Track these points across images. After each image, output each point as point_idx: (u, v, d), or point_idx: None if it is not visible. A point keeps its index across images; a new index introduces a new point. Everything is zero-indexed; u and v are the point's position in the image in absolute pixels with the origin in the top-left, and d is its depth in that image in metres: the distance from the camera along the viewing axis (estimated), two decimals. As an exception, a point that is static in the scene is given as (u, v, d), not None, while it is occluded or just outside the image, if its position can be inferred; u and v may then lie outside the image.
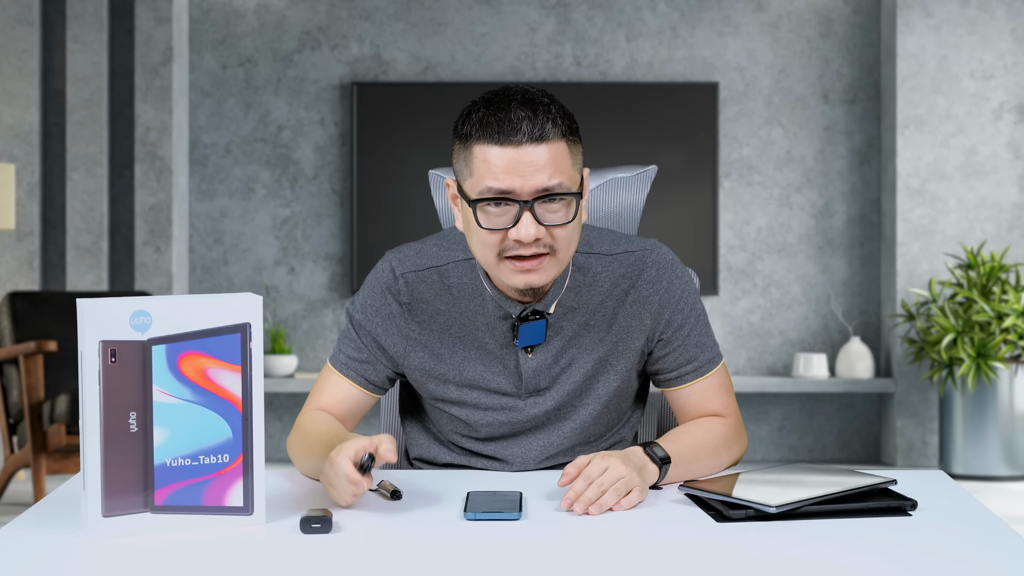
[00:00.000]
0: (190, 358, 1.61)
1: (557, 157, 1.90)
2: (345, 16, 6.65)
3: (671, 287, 2.07)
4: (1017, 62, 6.44)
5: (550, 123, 1.90)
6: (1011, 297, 6.06)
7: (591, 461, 1.79)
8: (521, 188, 1.89)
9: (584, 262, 2.06)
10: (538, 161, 1.88)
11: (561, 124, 1.91)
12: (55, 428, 5.07)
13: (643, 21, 6.65)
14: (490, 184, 1.89)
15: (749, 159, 6.65)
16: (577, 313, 2.05)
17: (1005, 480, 6.10)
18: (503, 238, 1.91)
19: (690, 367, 2.08)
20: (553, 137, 1.90)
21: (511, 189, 1.89)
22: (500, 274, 1.95)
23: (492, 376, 2.05)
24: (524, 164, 1.88)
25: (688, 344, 2.08)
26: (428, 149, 6.54)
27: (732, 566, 1.46)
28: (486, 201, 1.90)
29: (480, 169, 1.90)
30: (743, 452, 2.09)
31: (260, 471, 1.65)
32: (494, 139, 1.89)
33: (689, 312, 2.08)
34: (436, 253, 2.07)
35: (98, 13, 6.33)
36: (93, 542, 1.56)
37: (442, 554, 1.50)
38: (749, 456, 6.67)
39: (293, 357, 6.49)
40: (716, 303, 6.66)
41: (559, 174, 1.90)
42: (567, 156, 1.92)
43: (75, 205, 6.33)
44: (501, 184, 1.89)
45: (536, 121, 1.89)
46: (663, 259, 2.07)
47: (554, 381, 2.06)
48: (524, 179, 1.88)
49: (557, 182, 1.89)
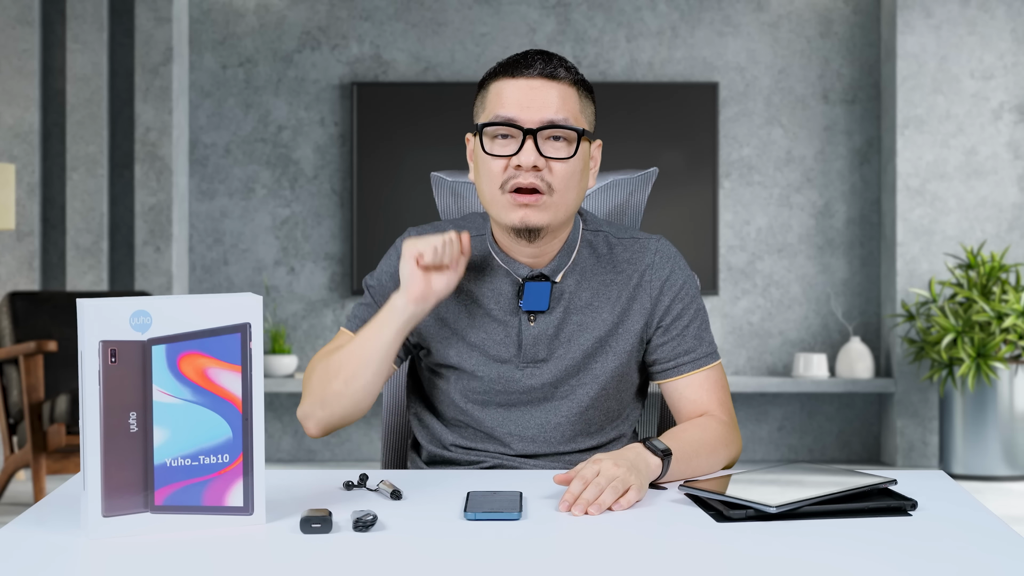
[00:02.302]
0: (190, 358, 1.61)
1: (565, 96, 2.02)
2: (345, 16, 6.65)
3: (673, 275, 2.12)
4: (1017, 62, 6.44)
5: (563, 68, 2.03)
6: (1011, 297, 6.06)
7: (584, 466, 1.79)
8: (528, 118, 2.00)
9: (592, 240, 2.14)
10: (547, 95, 2.01)
11: (574, 73, 2.05)
12: (55, 428, 5.07)
13: (643, 21, 6.65)
14: (499, 112, 2.01)
15: (749, 159, 6.65)
16: (582, 289, 2.11)
17: (1005, 480, 6.10)
18: (506, 166, 2.02)
19: (687, 357, 2.11)
20: (564, 79, 2.03)
21: (517, 118, 2.00)
22: (500, 209, 2.04)
23: (493, 343, 2.09)
24: (533, 96, 2.01)
25: (686, 335, 2.11)
26: (428, 149, 6.54)
27: (732, 566, 1.46)
28: (494, 127, 2.01)
29: (492, 102, 2.03)
30: (738, 453, 2.10)
31: (260, 471, 1.65)
32: (508, 73, 2.03)
33: (689, 303, 2.12)
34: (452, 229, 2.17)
35: (98, 13, 6.33)
36: (93, 542, 1.56)
37: (442, 554, 1.50)
38: (749, 456, 6.67)
39: (293, 357, 6.49)
40: (716, 303, 6.66)
41: (565, 111, 2.02)
42: (576, 100, 2.04)
43: (75, 205, 6.33)
44: (509, 113, 2.01)
45: (550, 63, 2.03)
46: (668, 250, 2.14)
47: (552, 353, 2.10)
48: (531, 110, 2.00)
49: (563, 117, 2.01)
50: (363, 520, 1.61)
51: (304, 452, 6.68)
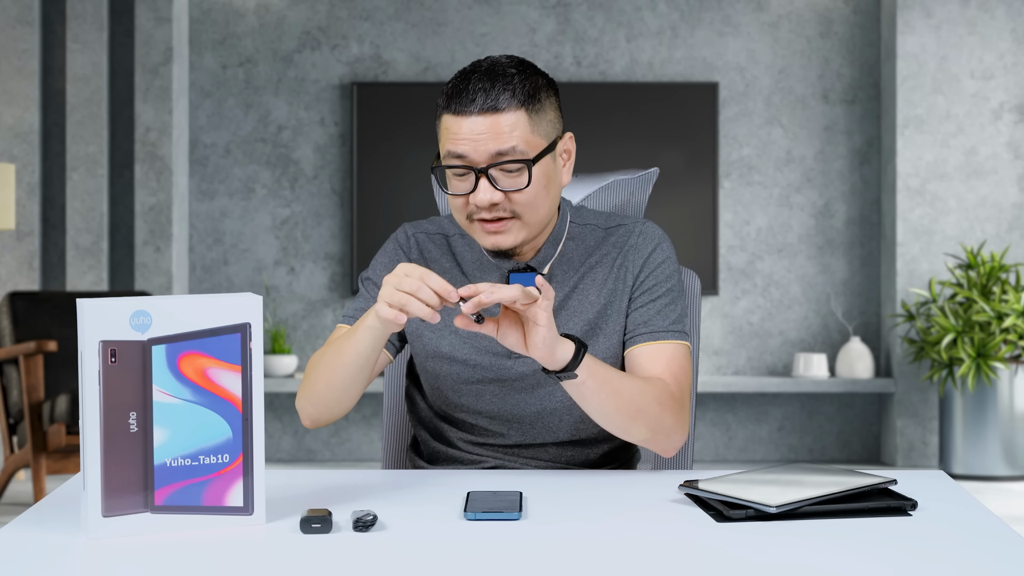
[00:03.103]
0: (190, 358, 1.61)
1: (513, 124, 2.00)
2: (345, 16, 6.65)
3: (654, 254, 2.13)
4: (1017, 62, 6.44)
5: (507, 93, 2.00)
6: (1011, 297, 6.06)
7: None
8: (476, 154, 2.00)
9: (579, 233, 2.15)
10: (491, 130, 1.99)
11: (520, 94, 2.01)
12: (55, 428, 5.07)
13: (643, 21, 6.65)
14: (449, 149, 2.02)
15: (749, 159, 6.65)
16: (568, 278, 2.12)
17: (1005, 480, 6.10)
18: (466, 202, 2.03)
19: (645, 328, 2.08)
20: (508, 107, 2.00)
21: (467, 155, 2.00)
22: (474, 235, 2.06)
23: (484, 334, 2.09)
24: (477, 132, 2.00)
25: (650, 308, 2.09)
26: (428, 149, 6.54)
27: (732, 566, 1.46)
28: (448, 167, 2.02)
29: (444, 137, 2.04)
30: (678, 430, 2.02)
31: (260, 471, 1.65)
32: (453, 109, 2.01)
33: (663, 280, 2.11)
34: (447, 225, 2.20)
35: (98, 13, 6.33)
36: (93, 542, 1.56)
37: (442, 554, 1.50)
38: (749, 456, 6.67)
39: (293, 357, 6.49)
40: (716, 303, 6.66)
41: (514, 139, 2.00)
42: (526, 124, 2.01)
43: (75, 205, 6.33)
44: (458, 149, 2.01)
45: (491, 93, 1.99)
46: (653, 232, 2.15)
47: None
48: (477, 145, 2.00)
49: (510, 146, 2.00)
50: (363, 520, 1.61)
51: (304, 452, 6.68)
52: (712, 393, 6.65)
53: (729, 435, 6.68)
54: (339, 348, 2.02)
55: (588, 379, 1.92)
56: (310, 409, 2.08)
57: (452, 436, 2.18)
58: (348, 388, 2.03)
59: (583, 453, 2.16)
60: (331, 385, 2.04)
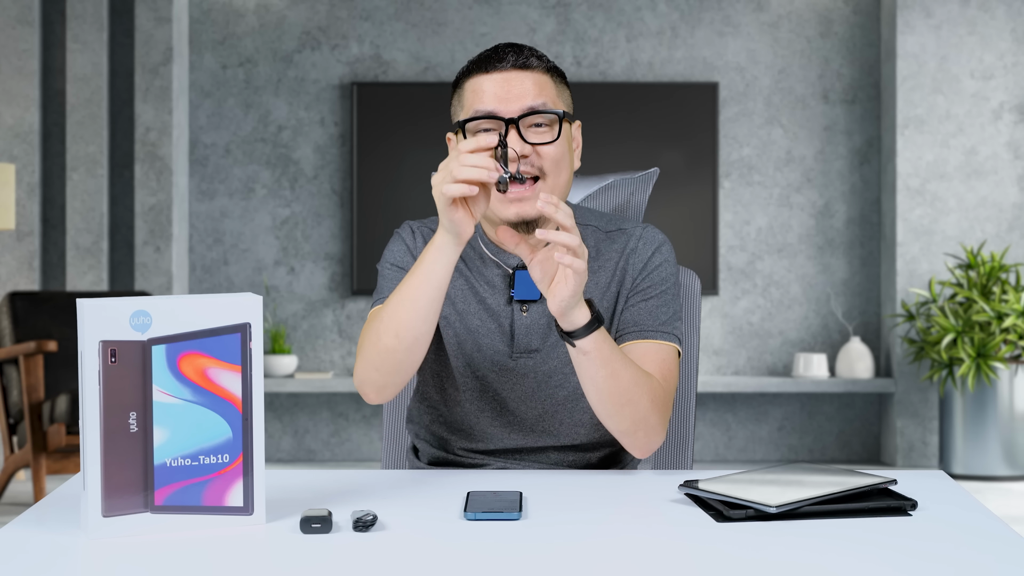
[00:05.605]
0: (190, 358, 1.61)
1: (541, 84, 2.05)
2: (345, 16, 6.65)
3: (653, 257, 2.12)
4: (1017, 62, 6.44)
5: (535, 57, 2.06)
6: (1011, 297, 6.06)
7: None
8: (507, 109, 2.02)
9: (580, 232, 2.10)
10: (523, 84, 2.03)
11: (547, 61, 2.08)
12: (55, 428, 5.07)
13: (643, 21, 6.65)
14: (478, 107, 2.03)
15: (749, 159, 6.65)
16: None
17: (1005, 480, 6.10)
18: None
19: (634, 328, 2.08)
20: (537, 67, 2.06)
21: (497, 110, 2.02)
22: (493, 205, 2.03)
23: (487, 332, 2.10)
24: (510, 87, 2.03)
25: (642, 308, 2.09)
26: (428, 149, 6.54)
27: (732, 566, 1.46)
28: (475, 122, 2.03)
29: (470, 99, 2.05)
30: (658, 432, 2.01)
31: (260, 471, 1.65)
32: (482, 69, 2.05)
33: (659, 282, 2.11)
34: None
35: (98, 13, 6.33)
36: (93, 542, 1.56)
37: (442, 554, 1.50)
38: (749, 456, 6.67)
39: (293, 357, 6.49)
40: (716, 303, 6.66)
41: (543, 96, 2.04)
42: (552, 86, 2.07)
43: (75, 205, 6.33)
44: (488, 106, 2.03)
45: (521, 54, 2.05)
46: (653, 237, 2.15)
47: (545, 342, 2.10)
48: (510, 101, 2.02)
49: (541, 102, 2.03)
50: (363, 520, 1.61)
51: (304, 452, 6.68)
52: (712, 393, 6.65)
53: (729, 435, 6.68)
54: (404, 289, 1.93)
55: (593, 351, 1.91)
56: (374, 375, 1.98)
57: (453, 444, 2.17)
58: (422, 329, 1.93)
59: (584, 458, 2.16)
60: (402, 332, 1.93)
